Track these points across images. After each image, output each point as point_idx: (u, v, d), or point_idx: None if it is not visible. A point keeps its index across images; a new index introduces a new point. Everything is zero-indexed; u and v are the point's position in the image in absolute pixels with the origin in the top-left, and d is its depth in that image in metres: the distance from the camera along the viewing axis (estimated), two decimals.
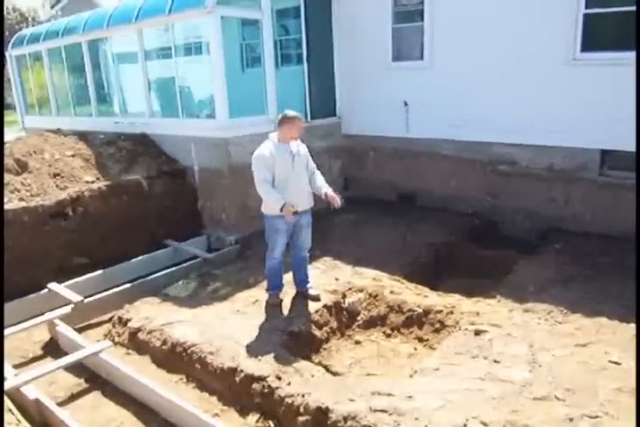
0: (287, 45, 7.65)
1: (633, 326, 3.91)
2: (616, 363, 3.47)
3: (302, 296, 4.69)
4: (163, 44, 7.10)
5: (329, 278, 5.08)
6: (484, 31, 6.22)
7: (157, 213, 6.43)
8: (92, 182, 6.11)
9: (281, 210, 4.12)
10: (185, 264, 5.82)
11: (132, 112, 7.94)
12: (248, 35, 7.60)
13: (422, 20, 6.68)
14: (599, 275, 4.84)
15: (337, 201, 4.28)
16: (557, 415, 2.98)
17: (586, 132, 5.78)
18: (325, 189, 4.40)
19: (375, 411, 3.10)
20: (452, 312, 4.37)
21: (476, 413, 3.01)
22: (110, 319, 4.88)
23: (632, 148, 5.55)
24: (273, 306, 4.58)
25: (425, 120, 6.93)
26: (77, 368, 4.16)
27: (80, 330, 4.75)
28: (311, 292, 4.68)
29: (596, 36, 5.64)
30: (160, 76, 7.37)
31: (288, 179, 4.25)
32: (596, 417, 2.96)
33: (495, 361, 3.57)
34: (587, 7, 5.51)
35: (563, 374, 3.37)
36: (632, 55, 5.35)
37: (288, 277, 4.79)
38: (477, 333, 3.95)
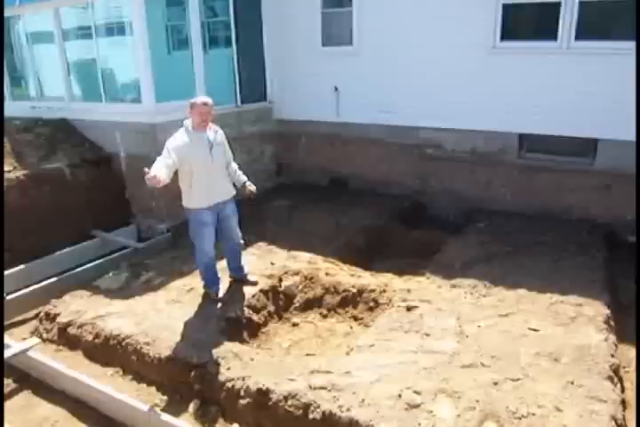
0: (215, 28, 7.46)
1: (548, 295, 4.25)
2: (534, 330, 3.76)
3: (240, 282, 4.67)
4: (82, 23, 6.69)
5: (265, 263, 5.10)
6: (411, 18, 6.36)
7: (83, 203, 6.13)
8: (9, 172, 5.73)
9: (144, 175, 3.59)
10: (114, 255, 5.62)
11: (51, 96, 7.46)
12: (174, 16, 7.32)
13: (351, 5, 6.74)
14: (518, 251, 5.18)
15: (254, 191, 4.42)
16: (484, 381, 3.20)
17: (505, 117, 6.11)
18: (244, 179, 4.43)
19: (315, 388, 3.19)
20: (384, 291, 4.54)
21: (409, 383, 3.17)
22: (37, 316, 4.64)
23: (547, 131, 5.96)
24: (217, 302, 4.43)
25: (355, 105, 7.04)
26: (5, 369, 3.91)
27: (4, 329, 4.47)
28: (249, 278, 4.68)
29: (515, 25, 5.95)
30: (80, 58, 6.95)
31: (208, 170, 4.09)
32: (518, 380, 3.21)
33: (426, 334, 3.76)
34: None
35: (487, 343, 3.61)
36: (546, 44, 5.71)
37: (220, 264, 4.74)
38: (409, 309, 4.14)
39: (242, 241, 4.66)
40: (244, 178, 4.47)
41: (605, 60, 5.40)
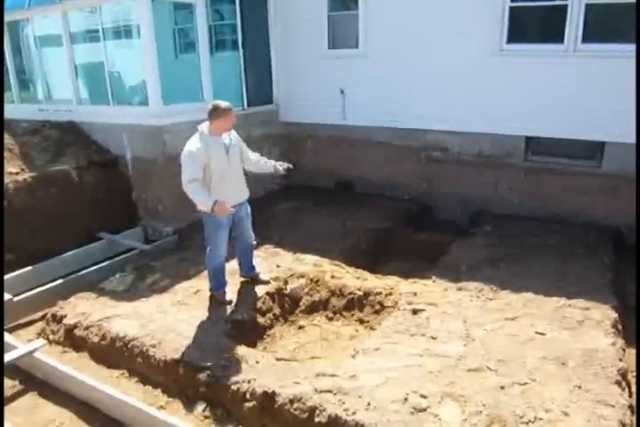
0: (222, 31, 7.50)
1: (555, 299, 4.23)
2: (541, 334, 3.74)
3: (252, 281, 4.68)
4: (90, 26, 6.74)
5: (270, 266, 5.10)
6: (416, 21, 6.36)
7: (89, 205, 6.16)
8: (17, 174, 5.77)
9: (212, 210, 3.81)
10: (120, 257, 5.63)
11: (58, 99, 7.50)
12: (181, 19, 7.38)
13: (357, 8, 6.75)
14: (525, 254, 5.16)
15: (282, 168, 4.59)
16: (490, 385, 3.18)
17: (512, 120, 6.09)
18: (272, 162, 4.58)
19: (320, 392, 3.18)
20: (390, 294, 4.53)
21: (415, 387, 3.16)
22: (43, 317, 4.67)
23: (553, 134, 5.94)
24: (223, 305, 4.43)
25: (361, 108, 7.04)
26: (11, 370, 3.94)
27: (10, 330, 4.51)
28: (262, 277, 4.71)
29: (521, 28, 5.94)
30: (88, 61, 7.00)
31: (225, 174, 4.09)
32: (525, 384, 3.19)
33: (432, 338, 3.75)
34: (512, 0, 5.75)
35: (494, 347, 3.60)
36: (552, 47, 5.70)
37: (228, 266, 4.73)
38: (415, 312, 4.13)
39: (255, 241, 4.68)
40: (272, 161, 4.61)
41: (612, 63, 5.38)
